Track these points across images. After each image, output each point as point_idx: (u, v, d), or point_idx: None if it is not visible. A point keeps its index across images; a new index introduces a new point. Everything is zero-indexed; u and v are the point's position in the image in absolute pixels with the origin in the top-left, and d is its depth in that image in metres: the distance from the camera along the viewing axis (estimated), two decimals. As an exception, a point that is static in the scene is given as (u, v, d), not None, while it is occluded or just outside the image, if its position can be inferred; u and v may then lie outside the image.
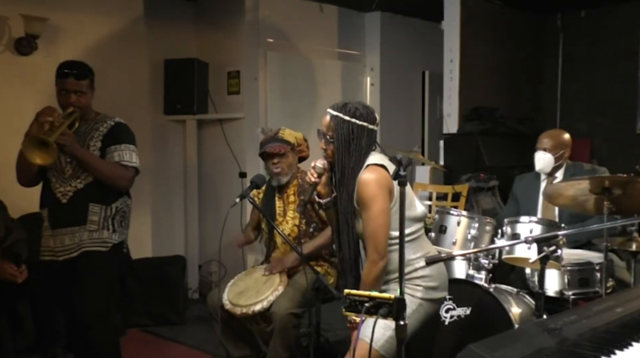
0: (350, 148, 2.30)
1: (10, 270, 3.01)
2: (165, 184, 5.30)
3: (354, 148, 2.30)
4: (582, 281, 3.00)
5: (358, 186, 2.27)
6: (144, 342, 4.24)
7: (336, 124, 2.31)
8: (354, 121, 2.30)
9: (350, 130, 2.30)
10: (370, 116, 2.34)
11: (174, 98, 5.12)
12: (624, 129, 5.92)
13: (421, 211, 2.39)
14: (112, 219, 2.95)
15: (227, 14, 5.20)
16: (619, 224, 2.95)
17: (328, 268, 3.27)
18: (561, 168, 3.53)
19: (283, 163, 3.23)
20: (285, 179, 3.26)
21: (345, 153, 2.31)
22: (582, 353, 1.42)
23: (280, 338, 2.94)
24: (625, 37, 5.84)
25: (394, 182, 2.20)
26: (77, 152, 2.83)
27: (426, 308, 2.34)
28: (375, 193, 2.23)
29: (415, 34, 6.22)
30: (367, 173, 2.26)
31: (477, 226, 3.18)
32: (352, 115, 2.30)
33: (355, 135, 2.30)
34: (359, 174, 2.28)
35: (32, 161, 2.74)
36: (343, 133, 2.30)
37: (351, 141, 2.30)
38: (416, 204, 2.39)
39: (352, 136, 2.30)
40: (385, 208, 2.25)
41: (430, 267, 2.32)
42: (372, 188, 2.23)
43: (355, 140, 2.30)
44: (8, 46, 4.14)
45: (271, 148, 3.22)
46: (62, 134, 2.75)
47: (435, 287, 2.35)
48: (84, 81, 2.89)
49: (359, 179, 2.27)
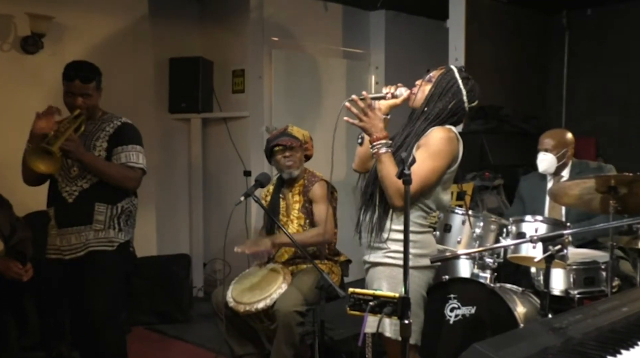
0: (438, 98, 2.33)
1: (16, 268, 3.02)
2: (170, 182, 5.31)
3: (441, 100, 2.33)
4: (588, 280, 2.99)
5: (437, 132, 2.28)
6: (149, 339, 4.25)
7: (446, 73, 2.36)
8: (459, 83, 2.34)
9: (450, 86, 2.34)
10: (473, 93, 2.37)
11: (179, 97, 5.13)
12: (630, 127, 5.89)
13: (446, 201, 2.41)
14: (118, 218, 2.95)
15: (232, 13, 5.20)
16: (625, 223, 2.94)
17: (332, 267, 3.27)
18: (566, 167, 3.51)
19: (294, 156, 3.25)
20: (296, 172, 3.28)
21: (433, 98, 2.34)
22: (588, 352, 1.41)
23: (284, 336, 2.94)
24: (632, 36, 5.81)
25: (460, 155, 2.32)
26: (83, 157, 2.82)
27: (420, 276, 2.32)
28: (447, 152, 2.27)
29: (420, 33, 6.20)
30: (452, 131, 2.32)
31: (482, 225, 3.17)
32: (462, 77, 2.35)
33: (450, 92, 2.33)
34: (441, 126, 2.30)
35: (36, 169, 2.75)
36: (443, 82, 2.34)
37: (443, 93, 2.33)
38: (448, 193, 2.40)
39: (449, 90, 2.33)
40: (442, 170, 2.29)
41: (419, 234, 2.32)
42: (448, 147, 2.28)
43: (445, 96, 2.33)
44: (14, 45, 4.16)
45: (283, 140, 3.24)
46: (68, 140, 2.75)
47: (425, 255, 2.33)
48: (90, 84, 2.89)
49: (442, 128, 2.29)
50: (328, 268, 3.22)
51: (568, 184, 3.03)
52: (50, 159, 2.71)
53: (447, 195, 2.41)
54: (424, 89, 2.38)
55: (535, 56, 6.34)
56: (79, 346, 3.16)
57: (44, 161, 2.72)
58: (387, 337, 2.28)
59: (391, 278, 2.30)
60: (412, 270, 2.27)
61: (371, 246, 2.36)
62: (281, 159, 3.28)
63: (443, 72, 2.38)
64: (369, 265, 2.40)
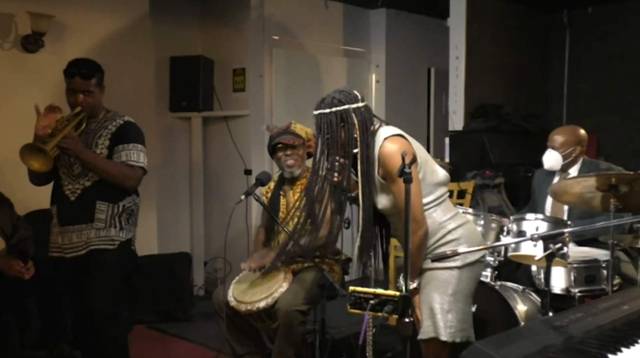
0: (348, 134, 2.25)
1: (17, 267, 3.02)
2: (170, 181, 5.31)
3: (352, 132, 2.25)
4: (589, 279, 2.99)
5: (383, 159, 2.23)
6: (150, 338, 4.25)
7: (323, 122, 2.27)
8: (335, 110, 2.26)
9: (339, 119, 2.26)
10: (349, 96, 2.30)
11: (180, 95, 5.13)
12: (631, 126, 5.89)
13: (443, 175, 2.38)
14: (119, 217, 2.95)
15: (233, 11, 5.20)
16: (626, 222, 2.94)
17: (333, 265, 3.27)
18: (575, 165, 3.46)
19: (296, 154, 3.25)
20: (298, 171, 3.28)
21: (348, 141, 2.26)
22: (588, 350, 1.41)
23: (285, 334, 2.94)
24: (632, 34, 5.80)
25: (415, 148, 2.23)
26: (81, 154, 2.82)
27: (468, 274, 2.32)
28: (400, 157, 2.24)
29: (421, 31, 6.20)
30: (389, 144, 2.23)
31: (483, 224, 3.17)
32: (330, 105, 2.27)
33: (346, 121, 2.26)
34: (379, 149, 2.24)
35: (30, 167, 2.76)
36: (329, 125, 2.26)
37: (344, 128, 2.25)
38: (437, 169, 2.38)
39: (343, 123, 2.26)
40: (415, 176, 2.21)
41: (462, 228, 2.32)
42: (398, 158, 2.21)
43: (347, 125, 2.26)
44: (15, 44, 4.15)
45: (285, 139, 3.23)
46: (66, 137, 2.74)
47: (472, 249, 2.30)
48: (91, 80, 2.88)
49: (382, 152, 2.23)
50: (329, 267, 3.21)
51: (569, 182, 3.03)
52: (44, 157, 2.70)
53: (438, 171, 2.36)
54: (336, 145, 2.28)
55: (536, 55, 6.33)
56: (81, 345, 3.17)
57: (37, 159, 2.71)
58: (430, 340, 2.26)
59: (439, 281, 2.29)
60: (462, 269, 2.29)
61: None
62: (282, 157, 3.28)
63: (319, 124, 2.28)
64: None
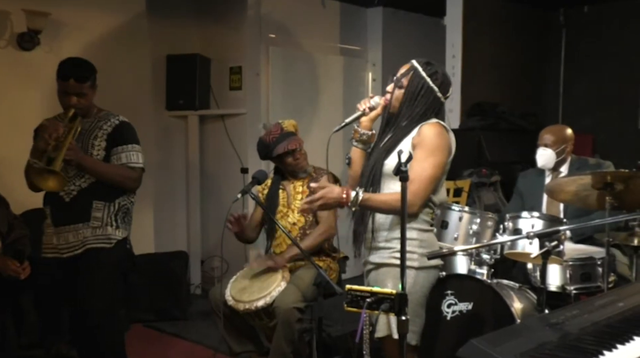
0: (414, 102, 2.32)
1: (14, 267, 3.01)
2: (167, 179, 5.30)
3: (418, 102, 2.32)
4: (584, 276, 3.00)
5: (428, 129, 2.27)
6: (146, 337, 4.25)
7: (412, 75, 2.33)
8: (428, 81, 2.32)
9: (421, 86, 2.32)
10: (445, 85, 2.35)
11: (176, 94, 5.12)
12: (627, 124, 5.91)
13: (443, 197, 2.41)
14: (116, 215, 2.95)
15: (230, 10, 5.19)
16: (622, 219, 2.95)
17: (330, 263, 3.27)
18: (565, 163, 3.52)
19: (300, 153, 3.26)
20: (309, 167, 3.31)
21: (409, 103, 2.33)
22: (584, 347, 1.42)
23: (283, 332, 2.95)
24: (628, 33, 5.82)
25: (454, 147, 2.33)
26: (84, 162, 2.83)
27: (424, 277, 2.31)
28: (444, 147, 2.28)
29: (418, 30, 6.20)
30: (442, 125, 2.32)
31: (479, 222, 3.18)
32: (429, 74, 2.32)
33: (422, 93, 2.32)
34: (431, 122, 2.30)
35: (46, 189, 2.78)
36: (413, 86, 2.32)
37: (417, 97, 2.32)
38: (442, 190, 2.40)
39: (420, 92, 2.32)
40: (445, 164, 2.30)
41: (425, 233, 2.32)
42: (444, 141, 2.29)
43: (420, 98, 2.32)
44: (10, 41, 4.14)
45: (290, 145, 3.21)
46: (68, 149, 2.74)
47: None
48: (86, 83, 2.87)
49: (431, 124, 2.29)
50: (326, 265, 3.22)
51: (565, 180, 3.04)
52: (56, 177, 2.71)
53: (444, 189, 2.42)
54: (397, 95, 2.36)
55: (532, 53, 6.34)
56: (78, 344, 3.16)
57: (50, 180, 2.72)
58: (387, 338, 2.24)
59: (397, 279, 2.30)
60: (419, 270, 2.28)
61: (374, 247, 2.35)
62: (292, 163, 3.26)
63: (411, 75, 2.34)
64: (373, 266, 2.37)
